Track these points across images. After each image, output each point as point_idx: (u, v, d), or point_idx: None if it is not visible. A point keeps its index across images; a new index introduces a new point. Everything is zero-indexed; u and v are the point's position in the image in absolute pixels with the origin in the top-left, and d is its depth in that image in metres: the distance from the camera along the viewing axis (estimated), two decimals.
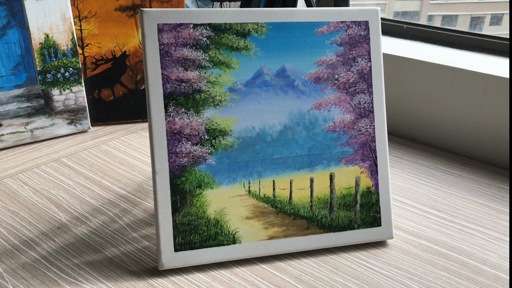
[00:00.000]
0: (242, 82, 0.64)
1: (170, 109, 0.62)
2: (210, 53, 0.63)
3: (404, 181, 0.87)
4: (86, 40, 1.00)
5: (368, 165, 0.69)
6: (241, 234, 0.64)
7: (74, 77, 0.96)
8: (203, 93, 0.63)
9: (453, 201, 0.81)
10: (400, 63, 1.01)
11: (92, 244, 0.68)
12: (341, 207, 0.68)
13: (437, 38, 1.08)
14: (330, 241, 0.67)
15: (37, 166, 0.87)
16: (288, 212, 0.66)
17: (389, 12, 1.33)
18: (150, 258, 0.65)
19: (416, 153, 0.98)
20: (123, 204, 0.77)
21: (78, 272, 0.62)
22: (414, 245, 0.70)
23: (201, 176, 0.63)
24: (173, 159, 0.62)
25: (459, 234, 0.73)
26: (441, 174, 0.90)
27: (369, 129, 0.68)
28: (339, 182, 0.68)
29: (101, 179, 0.83)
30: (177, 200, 0.62)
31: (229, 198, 0.64)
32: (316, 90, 0.67)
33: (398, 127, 1.06)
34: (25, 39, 0.91)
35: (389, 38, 1.13)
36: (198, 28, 0.62)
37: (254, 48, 0.65)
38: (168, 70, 0.62)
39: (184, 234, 0.62)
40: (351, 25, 0.67)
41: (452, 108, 0.97)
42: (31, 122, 0.94)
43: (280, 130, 0.66)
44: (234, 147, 0.64)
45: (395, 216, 0.76)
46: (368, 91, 0.68)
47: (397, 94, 1.04)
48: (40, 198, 0.77)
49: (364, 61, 0.68)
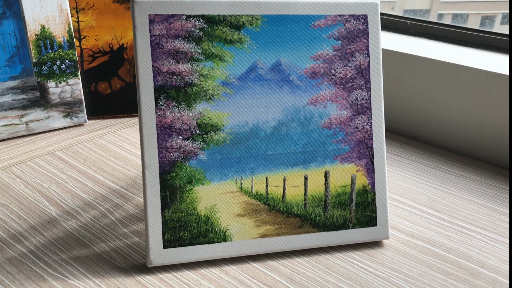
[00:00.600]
0: (235, 76, 0.63)
1: (160, 103, 0.60)
2: (202, 46, 0.61)
3: (404, 180, 0.85)
4: (84, 32, 0.99)
5: (365, 163, 0.67)
6: (232, 232, 0.63)
7: (70, 70, 0.95)
8: (195, 87, 0.62)
9: (453, 201, 0.79)
10: (402, 59, 0.99)
11: (81, 239, 0.66)
12: (335, 205, 0.66)
13: (441, 35, 1.06)
14: (323, 240, 0.65)
15: (30, 159, 0.85)
16: (281, 210, 0.65)
17: (399, 9, 1.31)
18: (140, 255, 0.64)
19: (417, 151, 0.96)
20: (115, 199, 0.75)
21: (65, 268, 0.61)
22: (410, 246, 0.68)
23: (191, 171, 0.62)
24: (163, 153, 0.61)
25: (458, 235, 0.71)
26: (442, 173, 0.88)
27: (366, 126, 0.67)
28: (334, 180, 0.66)
29: (94, 173, 0.82)
30: (166, 195, 0.61)
31: (220, 195, 0.63)
32: (312, 85, 0.65)
33: (399, 125, 1.03)
34: (20, 30, 0.90)
35: (393, 34, 1.11)
36: (190, 20, 0.61)
37: (249, 41, 0.63)
38: (159, 63, 0.60)
39: (174, 231, 0.61)
40: (349, 19, 0.66)
41: (455, 106, 0.95)
42: (26, 114, 0.93)
43: (274, 125, 0.64)
44: (226, 142, 0.63)
45: (392, 215, 0.75)
46: (365, 87, 0.66)
47: (399, 91, 1.02)
48: (31, 192, 0.76)
49: (362, 56, 0.66)
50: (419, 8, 1.26)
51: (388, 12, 1.17)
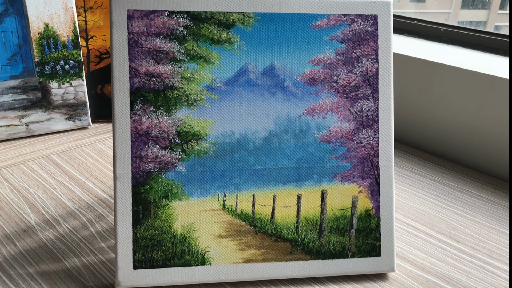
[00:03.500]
0: (222, 80, 0.56)
1: (136, 107, 0.54)
2: (186, 45, 0.55)
3: (422, 203, 0.75)
4: (91, 32, 0.95)
5: (369, 184, 0.58)
6: (212, 255, 0.56)
7: (74, 70, 0.91)
8: (175, 90, 0.55)
9: (477, 230, 0.69)
10: (431, 68, 0.90)
11: (54, 252, 0.61)
12: (333, 230, 0.58)
13: (476, 43, 0.96)
14: (317, 269, 0.57)
15: (24, 162, 0.82)
16: (269, 233, 0.57)
17: (453, 21, 1.23)
18: (111, 273, 0.58)
19: (443, 171, 0.86)
20: (100, 209, 0.70)
21: (29, 283, 0.56)
22: (420, 281, 0.59)
23: (168, 185, 0.55)
24: (136, 163, 0.55)
25: (479, 272, 0.61)
26: (468, 197, 0.78)
27: (372, 142, 0.58)
28: (332, 201, 0.58)
29: (85, 180, 0.77)
30: (139, 210, 0.55)
31: (199, 212, 0.56)
32: (310, 93, 0.57)
33: (425, 141, 0.94)
34: (23, 28, 0.87)
35: (422, 41, 1.01)
36: (174, 16, 0.55)
37: (239, 42, 0.56)
38: (136, 63, 0.54)
39: (145, 250, 0.55)
40: (356, 19, 0.58)
41: (488, 122, 0.84)
42: (27, 115, 0.90)
43: (264, 137, 0.57)
44: (209, 153, 0.56)
45: (403, 244, 0.66)
46: (372, 97, 0.58)
47: (425, 103, 0.92)
48: (16, 197, 0.72)
49: (370, 62, 0.58)
50: (474, 19, 1.16)
51: (440, 20, 1.07)
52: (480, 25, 1.14)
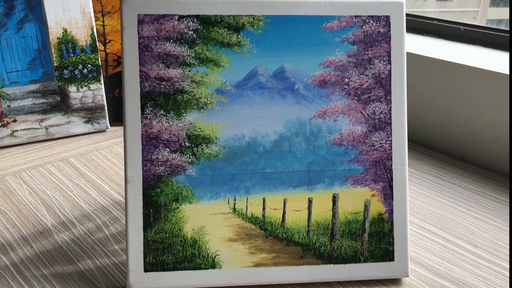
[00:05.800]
0: (232, 83, 0.56)
1: (147, 111, 0.55)
2: (196, 49, 0.55)
3: (440, 207, 0.74)
4: (109, 36, 0.96)
5: (381, 187, 0.57)
6: (222, 258, 0.56)
7: (92, 74, 0.92)
8: (186, 94, 0.55)
9: (496, 235, 0.67)
10: (450, 69, 0.88)
11: (68, 254, 0.62)
12: (344, 235, 0.57)
13: (498, 42, 0.93)
14: (328, 274, 0.57)
15: (43, 165, 0.83)
16: (280, 237, 0.57)
17: (482, 19, 1.21)
18: (124, 275, 0.59)
19: (463, 174, 0.84)
20: (115, 212, 0.71)
21: (43, 285, 0.57)
22: (435, 286, 0.58)
23: (178, 188, 0.56)
24: (147, 167, 0.55)
25: (497, 278, 0.59)
26: (488, 201, 0.76)
27: (385, 145, 0.57)
28: (344, 205, 0.57)
29: (101, 183, 0.78)
30: (149, 213, 0.55)
31: (210, 216, 0.56)
32: (321, 96, 0.57)
33: (445, 143, 0.92)
34: (42, 34, 0.89)
35: (441, 41, 0.99)
36: (184, 20, 0.55)
37: (248, 45, 0.56)
38: (147, 67, 0.55)
39: (156, 253, 0.55)
40: (367, 20, 0.57)
41: (509, 123, 0.82)
42: (46, 119, 0.91)
43: (274, 140, 0.57)
44: (219, 157, 0.56)
45: (419, 248, 0.64)
46: (385, 99, 0.57)
47: (445, 104, 0.90)
48: (33, 199, 0.74)
49: (382, 64, 0.57)
50: (504, 17, 1.14)
51: (468, 19, 1.05)
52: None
